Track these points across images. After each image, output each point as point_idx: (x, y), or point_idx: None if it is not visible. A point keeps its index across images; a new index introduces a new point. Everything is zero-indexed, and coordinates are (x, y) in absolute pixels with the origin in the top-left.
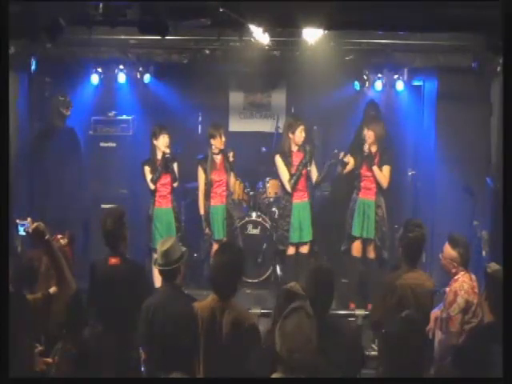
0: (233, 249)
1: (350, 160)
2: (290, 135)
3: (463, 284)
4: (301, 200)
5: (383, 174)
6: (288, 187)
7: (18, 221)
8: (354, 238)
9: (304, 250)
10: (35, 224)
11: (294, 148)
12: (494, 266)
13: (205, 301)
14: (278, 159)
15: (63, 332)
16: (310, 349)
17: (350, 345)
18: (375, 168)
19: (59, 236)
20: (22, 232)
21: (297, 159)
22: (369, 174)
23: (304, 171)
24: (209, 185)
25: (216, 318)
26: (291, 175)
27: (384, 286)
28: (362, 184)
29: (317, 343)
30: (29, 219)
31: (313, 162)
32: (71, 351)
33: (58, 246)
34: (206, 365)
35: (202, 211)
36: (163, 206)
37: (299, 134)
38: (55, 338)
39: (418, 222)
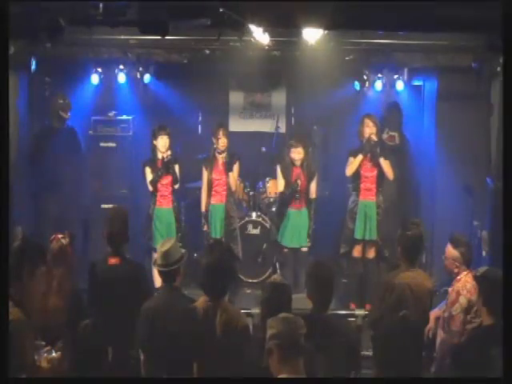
0: (221, 248)
1: (352, 160)
2: (288, 153)
3: (466, 284)
4: (297, 209)
5: (388, 170)
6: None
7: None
8: (356, 241)
9: (303, 248)
10: None
11: (296, 163)
12: (481, 269)
13: (197, 302)
14: (278, 170)
15: (63, 332)
16: (298, 325)
17: (348, 345)
18: (382, 160)
19: (60, 236)
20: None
21: (296, 175)
22: (369, 174)
23: (303, 186)
24: (210, 183)
25: (208, 319)
26: (286, 188)
27: (383, 286)
28: (362, 185)
29: (315, 342)
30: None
31: (314, 179)
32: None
33: (59, 246)
34: (200, 365)
35: (203, 208)
36: (164, 205)
37: (294, 156)
38: (55, 338)
39: (415, 220)
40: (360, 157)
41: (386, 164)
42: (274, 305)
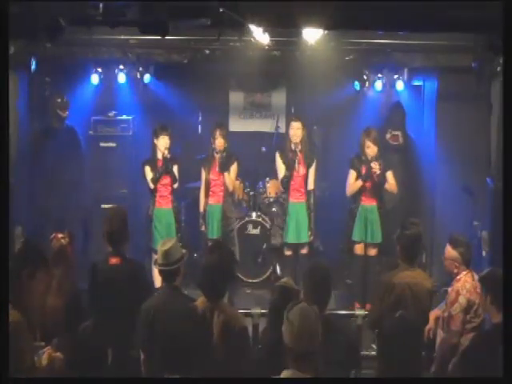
0: (221, 249)
1: (353, 177)
2: (288, 132)
3: (465, 284)
4: (297, 200)
5: (391, 183)
6: (280, 185)
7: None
8: (355, 242)
9: (304, 250)
10: None
11: (295, 147)
12: (484, 271)
13: (196, 302)
14: (277, 156)
15: (61, 331)
16: (316, 333)
17: (347, 344)
18: (387, 185)
19: (60, 235)
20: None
21: (296, 159)
22: (369, 185)
23: (302, 173)
24: (207, 183)
25: (206, 321)
26: (286, 174)
27: (382, 285)
28: (364, 193)
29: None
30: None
31: (313, 166)
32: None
33: (59, 246)
34: (199, 365)
35: (201, 209)
36: (163, 206)
37: (293, 132)
38: (53, 337)
39: (414, 220)
40: (360, 182)
41: (389, 184)
42: (281, 308)
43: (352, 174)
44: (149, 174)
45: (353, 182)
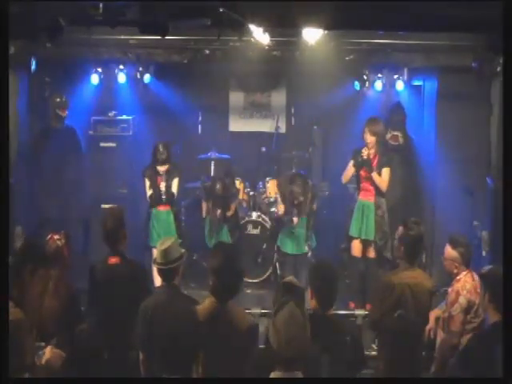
0: (226, 249)
1: (351, 165)
2: None
3: (465, 284)
4: (296, 217)
5: (382, 179)
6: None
7: None
8: (352, 238)
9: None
10: None
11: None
12: (486, 267)
13: (204, 303)
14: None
15: (58, 332)
16: (304, 337)
17: (351, 344)
18: (374, 174)
19: (56, 237)
20: None
21: (291, 197)
22: (367, 175)
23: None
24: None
25: (214, 322)
26: (286, 213)
27: (382, 285)
28: (362, 185)
29: (319, 341)
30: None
31: (315, 202)
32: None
33: (55, 247)
34: (205, 367)
35: (203, 214)
36: (162, 206)
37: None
38: (51, 338)
39: (415, 220)
40: (352, 169)
41: (379, 178)
42: None
43: (350, 162)
44: (148, 190)
45: (349, 167)
